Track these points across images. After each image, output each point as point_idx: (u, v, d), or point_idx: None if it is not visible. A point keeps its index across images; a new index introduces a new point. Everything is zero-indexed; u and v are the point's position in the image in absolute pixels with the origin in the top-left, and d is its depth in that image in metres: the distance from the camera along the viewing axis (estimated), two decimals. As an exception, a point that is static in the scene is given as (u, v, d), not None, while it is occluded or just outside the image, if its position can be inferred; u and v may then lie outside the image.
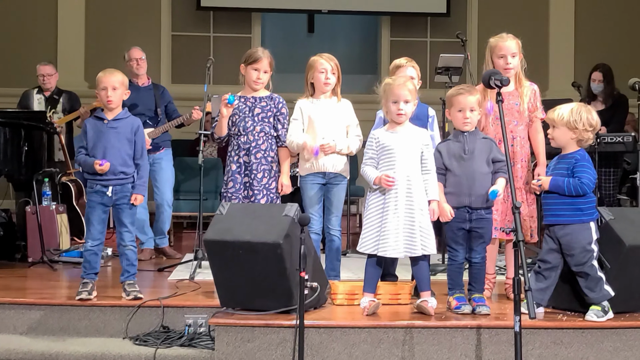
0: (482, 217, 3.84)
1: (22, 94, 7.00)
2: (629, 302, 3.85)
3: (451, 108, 3.92)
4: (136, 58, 6.09)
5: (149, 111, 6.03)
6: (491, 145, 3.88)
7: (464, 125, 3.87)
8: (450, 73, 5.69)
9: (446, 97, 4.03)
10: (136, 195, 4.25)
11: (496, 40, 4.30)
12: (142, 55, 6.13)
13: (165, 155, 6.10)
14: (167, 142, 6.15)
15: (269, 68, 4.53)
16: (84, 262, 4.23)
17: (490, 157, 3.85)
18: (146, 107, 6.02)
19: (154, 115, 6.05)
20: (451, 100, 3.91)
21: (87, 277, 4.19)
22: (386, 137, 3.86)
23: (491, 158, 3.85)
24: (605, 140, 5.85)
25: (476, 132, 3.93)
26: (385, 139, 3.85)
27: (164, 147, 6.10)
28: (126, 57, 6.16)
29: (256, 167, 4.45)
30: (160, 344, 3.78)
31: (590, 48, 8.91)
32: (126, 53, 6.19)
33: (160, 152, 6.07)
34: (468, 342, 3.60)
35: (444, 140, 4.06)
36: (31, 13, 8.81)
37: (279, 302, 3.68)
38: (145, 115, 5.97)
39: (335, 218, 4.48)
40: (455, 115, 3.89)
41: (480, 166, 3.84)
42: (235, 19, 9.15)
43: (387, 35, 9.29)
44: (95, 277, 4.22)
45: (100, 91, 4.26)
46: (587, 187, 3.73)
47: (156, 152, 6.04)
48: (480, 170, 3.84)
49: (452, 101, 3.90)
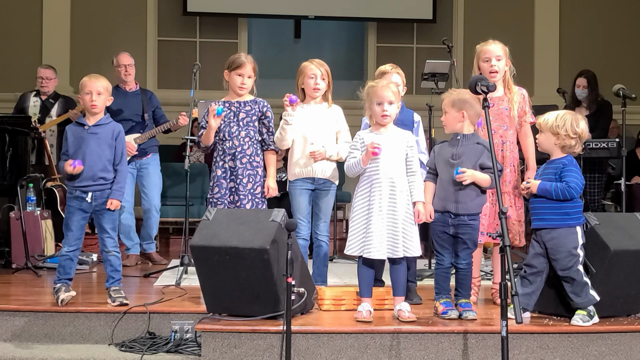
0: (466, 224, 3.82)
1: (20, 97, 6.99)
2: (614, 306, 3.87)
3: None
4: (125, 64, 6.06)
5: (136, 116, 6.00)
6: (482, 151, 3.82)
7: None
8: (436, 79, 5.71)
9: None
10: (112, 200, 4.21)
11: (482, 45, 4.35)
12: (131, 62, 6.10)
13: (152, 160, 6.07)
14: (155, 147, 6.12)
15: (252, 73, 4.53)
16: (59, 267, 4.21)
17: (478, 163, 3.81)
18: (133, 112, 6.00)
19: (141, 121, 6.03)
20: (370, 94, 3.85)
21: (59, 282, 4.16)
22: (371, 138, 3.86)
23: (479, 164, 3.81)
24: (589, 146, 5.88)
25: (472, 137, 3.87)
26: (370, 140, 3.85)
27: (151, 153, 6.07)
28: (114, 62, 6.12)
29: (242, 172, 4.44)
30: (146, 350, 3.75)
31: (575, 55, 8.99)
32: (114, 58, 6.14)
33: (147, 158, 6.04)
34: (455, 347, 3.60)
35: (442, 142, 4.02)
36: (16, 18, 8.76)
37: (266, 307, 3.67)
38: (132, 121, 5.95)
39: (323, 224, 4.48)
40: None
41: None
42: (221, 24, 9.15)
43: (374, 41, 9.32)
44: (68, 283, 4.19)
45: (85, 96, 4.24)
46: (574, 191, 3.75)
47: (143, 158, 6.01)
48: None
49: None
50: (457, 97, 3.89)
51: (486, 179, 3.78)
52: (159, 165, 6.15)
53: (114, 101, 5.93)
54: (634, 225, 4.00)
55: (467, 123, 3.87)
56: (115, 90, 6.02)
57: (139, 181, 6.06)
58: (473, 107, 3.85)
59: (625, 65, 8.97)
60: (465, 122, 3.87)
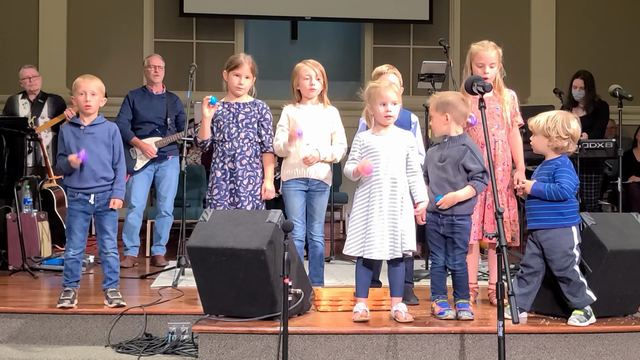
0: (454, 223, 3.81)
1: (7, 100, 6.96)
2: (610, 306, 3.88)
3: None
4: (155, 65, 6.11)
5: (159, 120, 6.03)
6: (464, 153, 3.81)
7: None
8: (433, 80, 5.71)
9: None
10: (114, 199, 4.22)
11: (477, 48, 4.33)
12: (162, 64, 6.15)
13: (171, 163, 6.09)
14: (175, 150, 6.14)
15: (250, 74, 4.53)
16: (66, 270, 4.19)
17: (460, 163, 3.80)
18: (157, 115, 6.03)
19: (164, 125, 6.05)
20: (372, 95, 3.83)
21: (69, 285, 4.15)
22: (371, 139, 3.86)
23: (462, 165, 3.80)
24: (586, 147, 5.90)
25: (458, 138, 3.87)
26: (370, 141, 3.85)
27: (171, 156, 6.08)
28: (145, 62, 6.22)
29: (241, 174, 4.44)
30: (143, 352, 3.75)
31: (571, 55, 9.01)
32: (145, 59, 6.26)
33: (166, 161, 6.05)
34: (452, 348, 3.60)
35: (435, 144, 4.02)
36: (12, 19, 8.75)
37: (263, 308, 3.67)
38: (154, 124, 6.00)
39: (318, 225, 4.49)
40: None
41: (450, 175, 3.82)
42: (218, 25, 9.15)
43: (370, 42, 9.32)
44: (77, 285, 4.19)
45: (79, 96, 4.22)
46: (567, 191, 3.76)
47: (162, 161, 6.03)
48: (449, 179, 3.82)
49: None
50: (440, 100, 3.90)
51: (467, 193, 3.79)
52: (178, 169, 6.12)
53: (139, 103, 6.00)
54: (631, 225, 4.00)
55: (452, 125, 3.87)
56: (141, 91, 6.09)
57: (156, 183, 6.08)
58: (456, 108, 3.85)
59: (622, 65, 8.99)
60: (451, 124, 3.87)
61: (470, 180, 3.82)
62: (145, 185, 6.03)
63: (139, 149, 5.96)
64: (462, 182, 3.82)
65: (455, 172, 3.82)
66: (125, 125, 5.91)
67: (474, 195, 3.83)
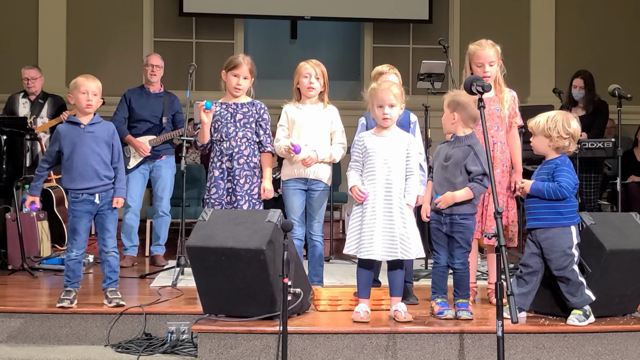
0: (457, 222, 3.82)
1: (8, 99, 6.96)
2: (609, 306, 3.88)
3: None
4: (152, 64, 6.11)
5: (154, 118, 6.03)
6: (468, 154, 3.82)
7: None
8: (432, 79, 5.72)
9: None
10: (117, 198, 4.23)
11: (475, 48, 4.33)
12: (160, 64, 6.16)
13: (165, 163, 6.07)
14: (170, 150, 6.13)
15: (249, 74, 4.53)
16: (68, 271, 4.19)
17: (463, 165, 3.80)
18: (152, 114, 6.03)
19: (158, 124, 6.04)
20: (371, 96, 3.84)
21: (71, 285, 4.16)
22: (371, 140, 3.86)
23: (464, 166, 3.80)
24: (585, 146, 5.89)
25: (465, 139, 3.86)
26: (369, 142, 3.85)
27: (165, 155, 6.08)
28: (144, 61, 6.23)
29: (239, 173, 4.44)
30: (143, 352, 3.75)
31: (571, 55, 9.01)
32: (145, 58, 6.28)
33: (160, 160, 6.04)
34: (451, 347, 3.60)
35: (444, 142, 4.01)
36: (12, 18, 8.75)
37: (262, 308, 3.67)
38: (149, 122, 6.00)
39: (317, 224, 4.49)
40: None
41: (452, 175, 3.82)
42: (217, 25, 9.15)
43: (370, 42, 9.33)
44: (78, 286, 4.20)
45: (80, 95, 4.21)
46: (566, 190, 3.76)
47: (155, 160, 6.03)
48: (452, 179, 3.82)
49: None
50: (452, 98, 3.91)
51: (464, 195, 3.78)
52: (174, 168, 6.13)
53: (136, 101, 6.00)
54: (630, 225, 4.00)
55: (460, 125, 3.88)
56: (139, 90, 6.09)
57: (152, 183, 6.08)
58: (466, 109, 3.85)
59: (621, 65, 8.99)
60: (458, 123, 3.88)
61: (470, 182, 3.82)
62: (141, 184, 6.02)
63: (132, 147, 5.96)
64: (462, 184, 3.81)
65: (457, 173, 3.82)
66: (121, 123, 5.91)
67: (472, 198, 3.83)
